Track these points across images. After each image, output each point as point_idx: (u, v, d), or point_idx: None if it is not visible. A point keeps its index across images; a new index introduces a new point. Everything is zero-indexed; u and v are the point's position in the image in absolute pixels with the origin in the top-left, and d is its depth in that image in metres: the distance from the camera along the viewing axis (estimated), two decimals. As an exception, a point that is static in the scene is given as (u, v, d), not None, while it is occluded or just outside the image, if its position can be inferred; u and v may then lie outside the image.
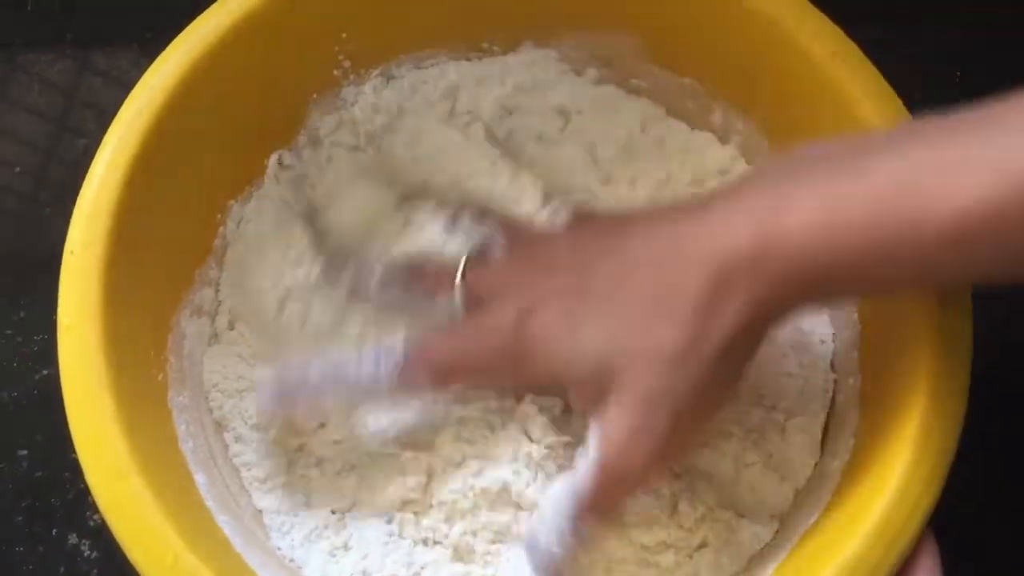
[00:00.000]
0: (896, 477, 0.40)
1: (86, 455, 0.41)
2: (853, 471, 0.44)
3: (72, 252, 0.44)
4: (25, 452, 0.54)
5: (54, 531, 0.52)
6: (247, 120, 0.50)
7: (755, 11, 0.48)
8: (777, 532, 0.47)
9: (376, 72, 0.54)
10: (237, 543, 0.44)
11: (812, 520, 0.44)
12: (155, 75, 0.47)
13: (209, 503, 0.45)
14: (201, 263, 0.50)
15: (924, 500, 0.40)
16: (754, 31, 0.49)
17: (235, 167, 0.51)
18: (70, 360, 0.42)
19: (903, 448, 0.41)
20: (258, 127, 0.51)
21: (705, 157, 0.54)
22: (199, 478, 0.45)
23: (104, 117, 0.47)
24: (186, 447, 0.46)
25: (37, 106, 0.62)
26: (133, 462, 0.41)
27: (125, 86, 0.47)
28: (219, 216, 0.51)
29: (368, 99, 0.54)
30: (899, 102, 0.46)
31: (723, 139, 0.54)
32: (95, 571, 0.52)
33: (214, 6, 0.48)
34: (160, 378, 0.46)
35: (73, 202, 0.45)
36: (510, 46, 0.55)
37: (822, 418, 0.49)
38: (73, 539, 0.52)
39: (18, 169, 0.60)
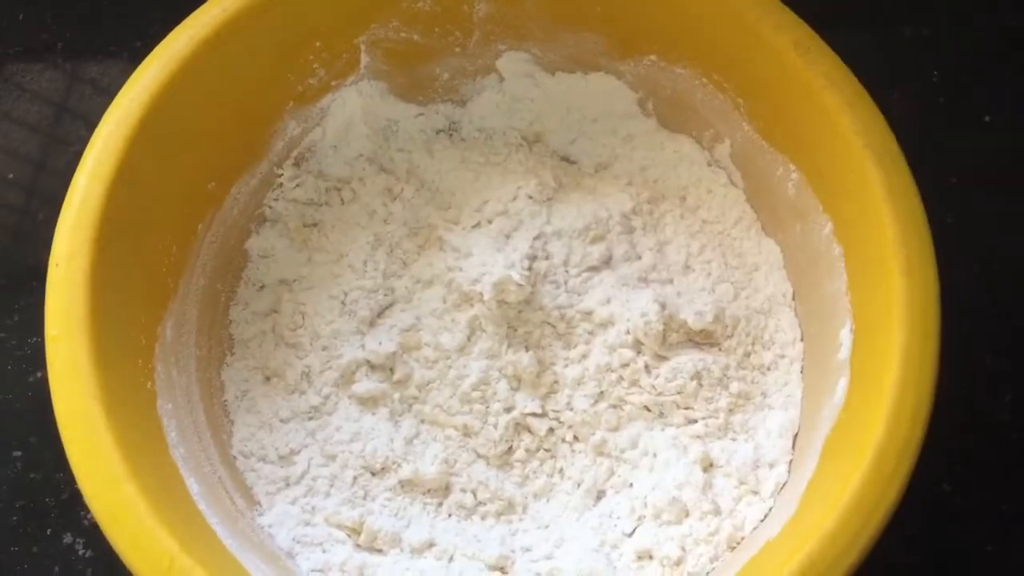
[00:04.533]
0: (871, 453, 0.40)
1: (79, 465, 0.40)
2: (833, 449, 0.43)
3: (57, 264, 0.42)
4: (19, 453, 0.52)
5: (48, 531, 0.51)
6: (225, 128, 0.49)
7: (721, 7, 0.47)
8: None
9: (351, 80, 0.53)
10: (231, 545, 0.42)
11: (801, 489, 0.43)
12: (133, 88, 0.45)
13: (202, 506, 0.43)
14: (182, 273, 0.48)
15: (897, 475, 0.40)
16: (721, 26, 0.47)
17: (215, 175, 0.50)
18: (59, 371, 0.41)
19: (877, 427, 0.40)
20: (236, 135, 0.50)
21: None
22: (191, 483, 0.43)
23: (94, 126, 0.45)
24: (177, 453, 0.44)
25: (28, 116, 0.60)
26: (125, 470, 0.40)
27: (115, 96, 0.46)
28: (200, 226, 0.49)
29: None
30: (860, 87, 0.45)
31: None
32: (89, 570, 0.50)
33: (189, 18, 0.46)
34: (149, 386, 0.44)
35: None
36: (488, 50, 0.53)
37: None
38: (68, 539, 0.50)
39: (11, 175, 0.58)
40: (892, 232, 0.42)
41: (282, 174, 0.53)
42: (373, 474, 0.49)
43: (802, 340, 0.49)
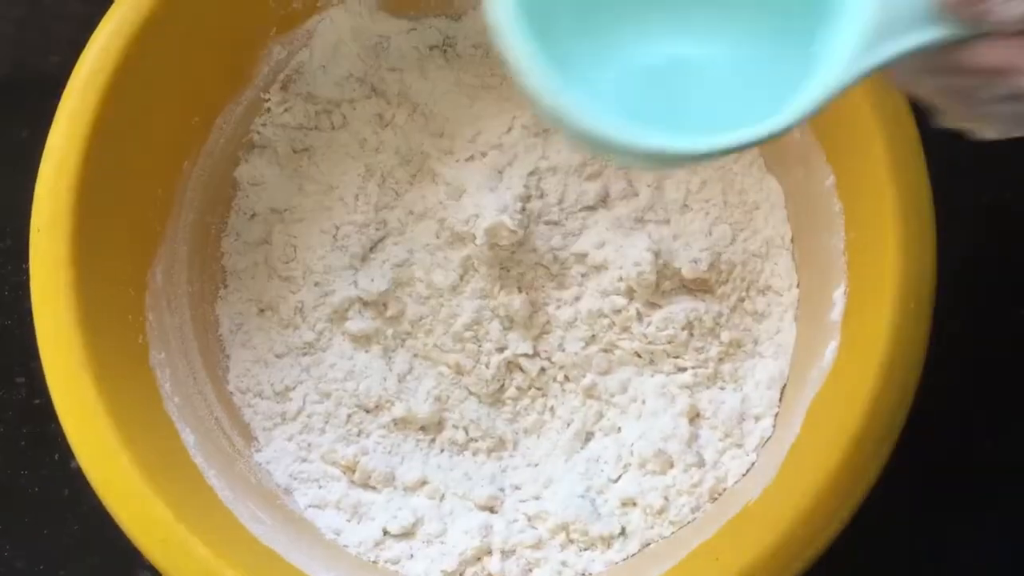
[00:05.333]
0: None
1: (74, 437, 0.41)
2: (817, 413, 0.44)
3: (39, 230, 0.42)
4: (23, 379, 0.53)
5: (56, 455, 0.52)
6: (205, 64, 0.47)
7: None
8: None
9: (335, 3, 0.50)
10: (227, 497, 0.44)
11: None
12: (105, 32, 0.43)
13: (198, 460, 0.44)
14: (170, 212, 0.47)
15: (873, 462, 0.40)
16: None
17: (199, 109, 0.48)
18: (48, 343, 0.41)
19: (858, 411, 0.40)
20: (218, 69, 0.48)
21: None
22: (187, 436, 0.44)
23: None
24: (171, 405, 0.45)
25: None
26: (119, 441, 0.41)
27: None
28: (186, 163, 0.48)
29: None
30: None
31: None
32: (99, 494, 0.52)
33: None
34: (140, 340, 0.45)
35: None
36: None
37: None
38: (75, 464, 0.52)
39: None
40: (893, 207, 0.41)
41: (269, 99, 0.51)
42: (367, 412, 0.49)
43: (798, 286, 0.48)
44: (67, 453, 0.51)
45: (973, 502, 0.50)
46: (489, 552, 0.46)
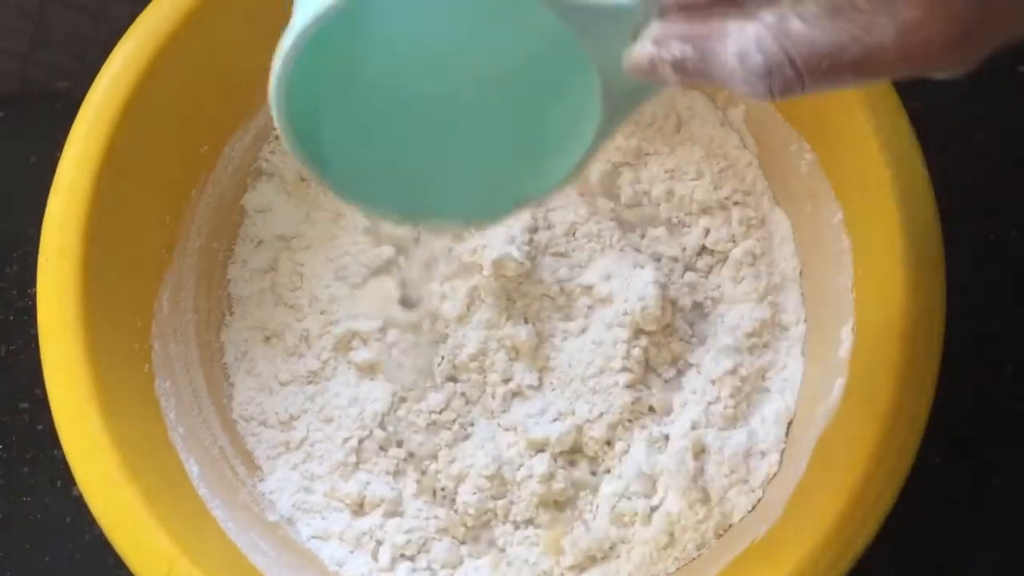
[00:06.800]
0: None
1: (77, 467, 0.41)
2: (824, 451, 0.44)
3: (47, 259, 0.42)
4: (26, 405, 0.53)
5: (59, 483, 0.52)
6: (213, 96, 0.47)
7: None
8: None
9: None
10: (231, 529, 0.44)
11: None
12: (116, 63, 0.43)
13: (202, 491, 0.44)
14: (178, 240, 0.48)
15: (881, 501, 0.40)
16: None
17: (207, 139, 0.48)
18: (54, 372, 0.41)
19: (866, 451, 0.40)
20: (225, 101, 0.48)
21: None
22: (191, 466, 0.44)
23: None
24: (176, 435, 0.45)
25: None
26: (124, 472, 0.41)
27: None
28: (194, 191, 0.48)
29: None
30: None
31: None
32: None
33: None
34: (146, 369, 0.45)
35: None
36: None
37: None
38: (77, 491, 0.52)
39: (2, 113, 0.56)
40: (901, 245, 0.41)
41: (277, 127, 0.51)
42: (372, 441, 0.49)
43: (805, 322, 0.48)
44: (70, 480, 0.51)
45: (982, 542, 0.50)
46: (494, 584, 0.46)
